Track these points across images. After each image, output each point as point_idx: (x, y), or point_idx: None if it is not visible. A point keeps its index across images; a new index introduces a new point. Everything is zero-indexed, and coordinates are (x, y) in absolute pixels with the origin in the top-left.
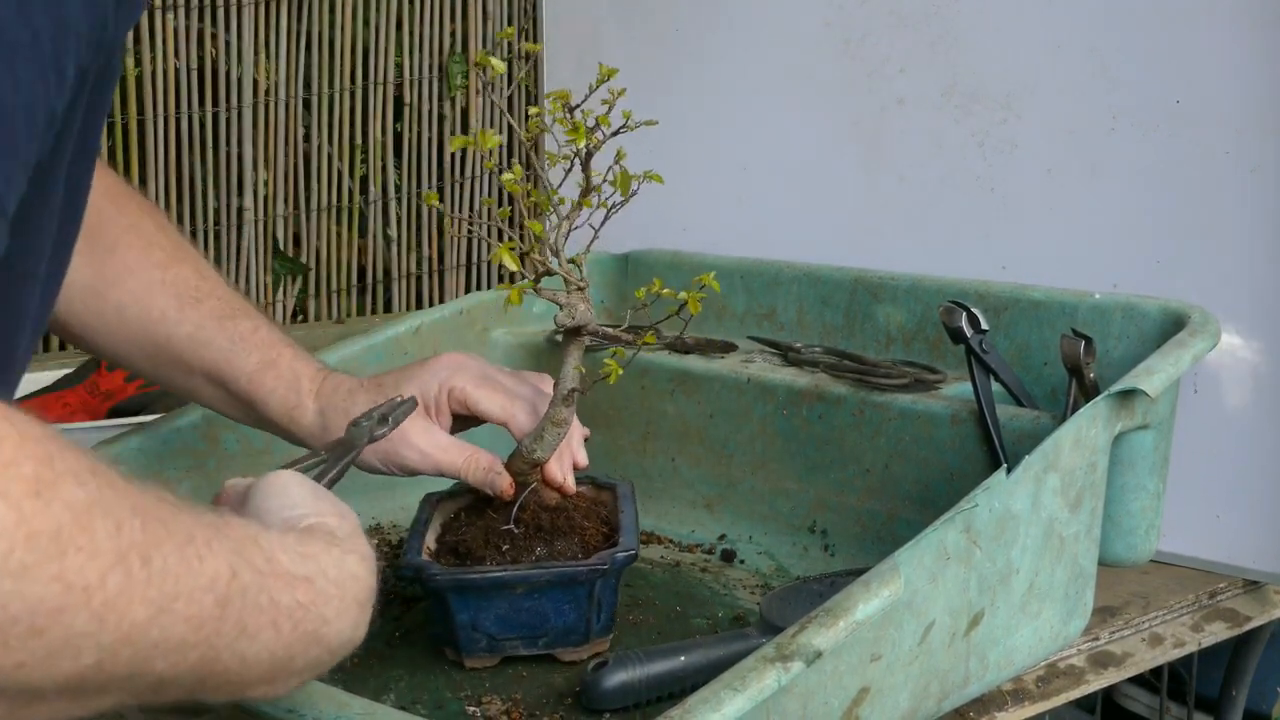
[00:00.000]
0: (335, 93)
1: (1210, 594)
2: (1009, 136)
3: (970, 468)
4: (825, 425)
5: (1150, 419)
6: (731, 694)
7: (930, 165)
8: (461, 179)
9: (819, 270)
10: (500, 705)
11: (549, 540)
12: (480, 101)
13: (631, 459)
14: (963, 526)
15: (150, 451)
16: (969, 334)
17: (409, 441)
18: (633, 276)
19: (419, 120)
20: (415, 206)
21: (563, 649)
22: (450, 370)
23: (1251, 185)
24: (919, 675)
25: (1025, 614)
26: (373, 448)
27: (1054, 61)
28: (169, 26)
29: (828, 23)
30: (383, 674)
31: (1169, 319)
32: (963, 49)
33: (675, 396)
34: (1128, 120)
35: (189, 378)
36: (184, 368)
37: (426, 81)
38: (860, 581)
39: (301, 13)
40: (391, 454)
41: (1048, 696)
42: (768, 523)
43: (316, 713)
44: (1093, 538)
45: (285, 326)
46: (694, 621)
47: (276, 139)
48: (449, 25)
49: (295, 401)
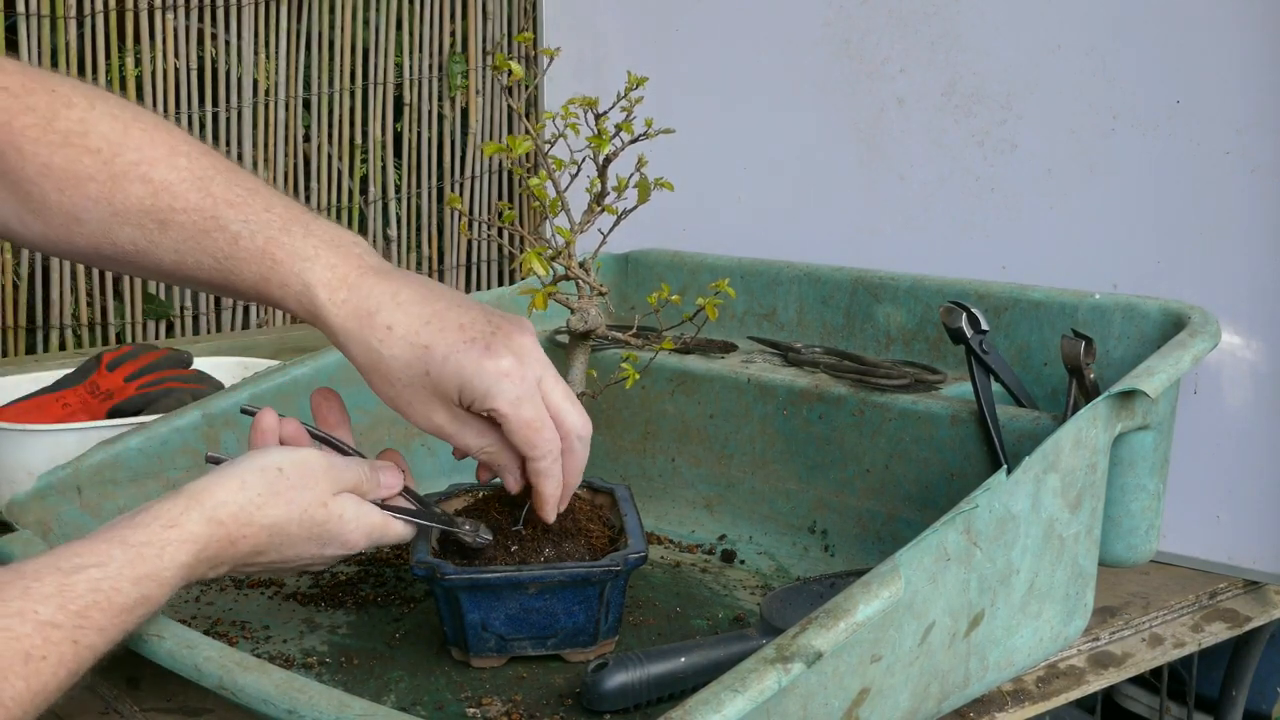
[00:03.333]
0: (335, 93)
1: (1210, 594)
2: (1009, 136)
3: (970, 468)
4: (825, 425)
5: (1150, 419)
6: (732, 695)
7: (930, 165)
8: (462, 179)
9: (819, 270)
10: (500, 706)
11: (557, 542)
12: (480, 102)
13: (631, 459)
14: (963, 527)
15: (150, 451)
16: (969, 334)
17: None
18: (633, 276)
19: (419, 120)
20: (415, 206)
21: (571, 650)
22: (495, 380)
23: (1252, 185)
24: (919, 676)
25: (1025, 614)
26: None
27: (1054, 61)
28: (169, 26)
29: (828, 23)
30: (383, 675)
31: (1169, 319)
32: (963, 49)
33: (675, 396)
34: (1128, 120)
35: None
36: (187, 283)
37: (426, 81)
38: (860, 582)
39: (301, 13)
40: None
41: (1048, 697)
42: (768, 523)
43: (317, 713)
44: (1093, 538)
45: (286, 327)
46: (694, 622)
47: (276, 139)
48: (449, 25)
49: (312, 314)
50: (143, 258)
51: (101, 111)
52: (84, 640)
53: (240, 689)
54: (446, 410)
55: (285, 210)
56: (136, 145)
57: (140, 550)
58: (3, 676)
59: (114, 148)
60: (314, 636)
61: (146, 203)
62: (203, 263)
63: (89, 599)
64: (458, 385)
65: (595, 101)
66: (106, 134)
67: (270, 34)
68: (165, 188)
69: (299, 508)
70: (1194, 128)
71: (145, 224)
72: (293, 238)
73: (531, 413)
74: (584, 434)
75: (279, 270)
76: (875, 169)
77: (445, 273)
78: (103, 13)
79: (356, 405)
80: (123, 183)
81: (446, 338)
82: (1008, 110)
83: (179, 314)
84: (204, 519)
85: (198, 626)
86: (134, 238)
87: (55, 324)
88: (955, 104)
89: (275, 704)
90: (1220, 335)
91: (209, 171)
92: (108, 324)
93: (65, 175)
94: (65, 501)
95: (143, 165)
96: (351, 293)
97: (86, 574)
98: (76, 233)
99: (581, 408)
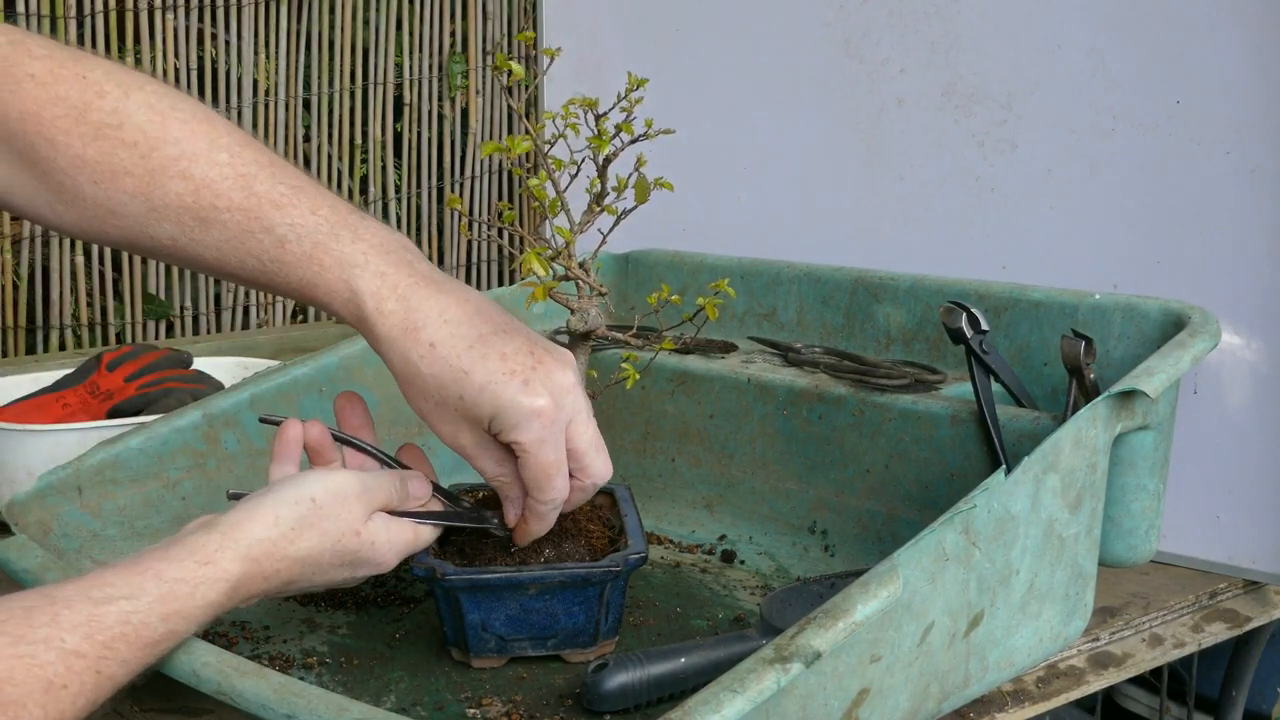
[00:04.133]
0: (335, 93)
1: (1210, 594)
2: (1009, 136)
3: (970, 468)
4: (825, 425)
5: (1150, 419)
6: (731, 695)
7: (930, 165)
8: (461, 179)
9: (819, 270)
10: (500, 707)
11: (557, 543)
12: (480, 102)
13: (631, 459)
14: (962, 527)
15: (150, 451)
16: (969, 334)
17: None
18: (633, 276)
19: (419, 120)
20: (415, 206)
21: (571, 650)
22: (524, 419)
23: (1251, 185)
24: (919, 676)
25: (1025, 615)
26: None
27: (1054, 61)
28: (169, 26)
29: (828, 23)
30: (383, 676)
31: (1169, 319)
32: (963, 49)
33: (675, 396)
34: (1128, 120)
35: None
36: (230, 278)
37: (426, 81)
38: (859, 582)
39: (301, 13)
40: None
41: (1048, 697)
42: (768, 523)
43: (315, 718)
44: (1093, 538)
45: (286, 328)
46: (694, 622)
47: (276, 139)
48: (449, 25)
49: (359, 319)
50: (182, 252)
51: (137, 101)
52: (106, 671)
53: (239, 694)
54: (474, 434)
55: (332, 212)
56: (175, 139)
57: (173, 587)
58: (21, 705)
59: (151, 141)
60: (314, 637)
61: (187, 200)
62: (246, 262)
63: (116, 630)
64: (491, 414)
65: (595, 102)
66: (143, 125)
67: (270, 34)
68: (206, 185)
69: (332, 538)
70: (1194, 128)
71: (185, 221)
72: (341, 243)
73: (551, 457)
74: (601, 481)
75: (326, 276)
76: (875, 169)
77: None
78: (103, 13)
79: None
80: (161, 178)
81: (488, 365)
82: (1008, 110)
83: (179, 314)
84: (239, 556)
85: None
86: (173, 233)
87: (55, 324)
88: (955, 104)
89: (274, 709)
90: (1220, 335)
91: (251, 168)
92: (108, 324)
93: (100, 168)
94: (65, 501)
95: (182, 160)
96: (400, 304)
97: (117, 605)
98: (112, 225)
99: (606, 454)
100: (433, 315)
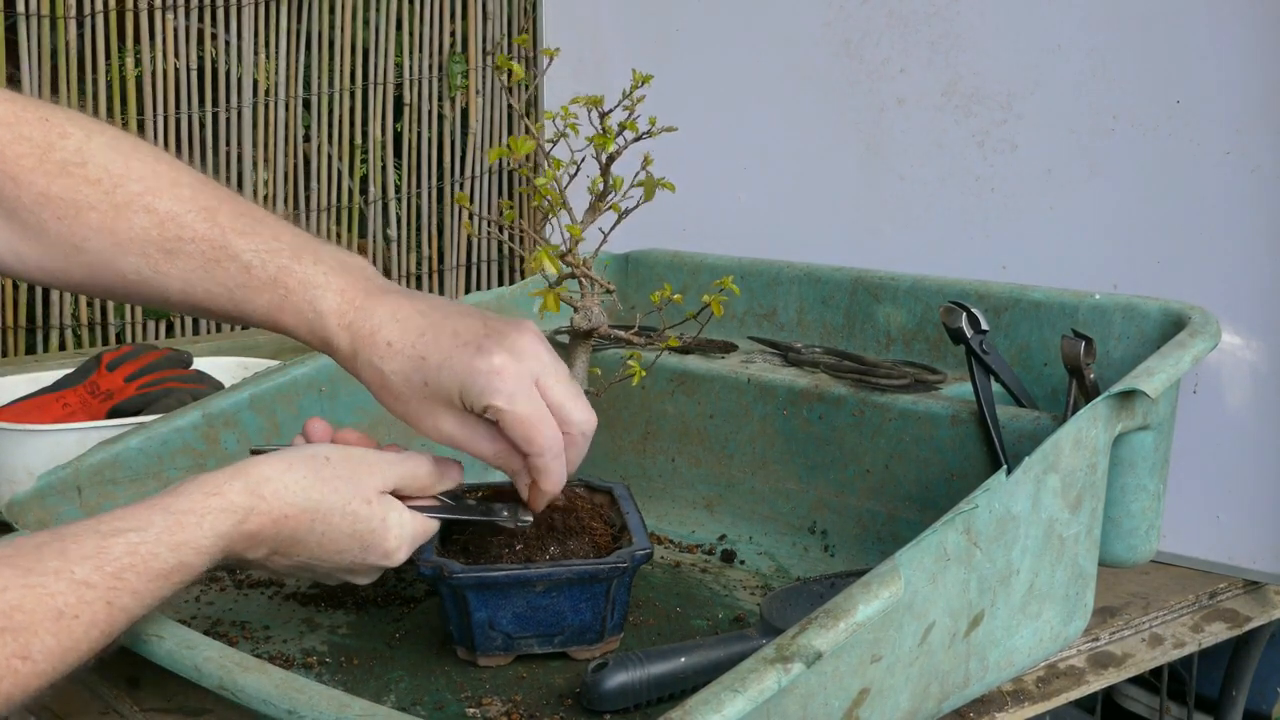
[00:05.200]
0: (335, 93)
1: (1210, 594)
2: (1009, 136)
3: (970, 468)
4: (825, 425)
5: (1150, 419)
6: (732, 695)
7: (930, 165)
8: (461, 179)
9: (819, 270)
10: (500, 706)
11: (561, 540)
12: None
13: (631, 459)
14: (963, 527)
15: (150, 451)
16: (969, 334)
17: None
18: (633, 276)
19: (419, 120)
20: (415, 206)
21: (577, 648)
22: (493, 379)
23: (1251, 185)
24: (919, 676)
25: (1025, 615)
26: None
27: (1054, 61)
28: (169, 26)
29: (828, 23)
30: (383, 675)
31: (1169, 319)
32: (963, 49)
33: (675, 396)
34: (1128, 120)
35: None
36: (194, 312)
37: (426, 81)
38: (860, 583)
39: (301, 13)
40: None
41: (1048, 697)
42: (768, 523)
43: (317, 714)
44: (1093, 538)
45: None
46: (694, 622)
47: (276, 139)
48: (449, 25)
49: (324, 341)
50: (145, 286)
51: (99, 143)
52: (118, 602)
53: (240, 689)
54: (455, 418)
55: (294, 237)
56: (139, 176)
57: (180, 517)
58: (33, 632)
59: (115, 178)
60: (314, 636)
61: (152, 233)
62: (213, 292)
63: (125, 561)
64: (457, 390)
65: (600, 100)
66: (106, 164)
67: (270, 34)
68: (171, 217)
69: (343, 497)
70: (1194, 128)
71: (151, 253)
72: (304, 264)
73: (527, 409)
74: (588, 429)
75: (291, 299)
76: (875, 169)
77: (445, 273)
78: (103, 13)
79: (356, 405)
80: (126, 213)
81: (441, 344)
82: (1008, 110)
83: (178, 314)
84: (247, 490)
85: (198, 627)
86: (138, 267)
87: (55, 324)
88: (955, 104)
89: (275, 704)
90: (1220, 335)
91: (213, 201)
92: (108, 324)
93: (64, 204)
94: (65, 501)
95: (146, 195)
96: (357, 314)
97: (125, 537)
98: (76, 262)
99: (586, 402)
100: (386, 317)
